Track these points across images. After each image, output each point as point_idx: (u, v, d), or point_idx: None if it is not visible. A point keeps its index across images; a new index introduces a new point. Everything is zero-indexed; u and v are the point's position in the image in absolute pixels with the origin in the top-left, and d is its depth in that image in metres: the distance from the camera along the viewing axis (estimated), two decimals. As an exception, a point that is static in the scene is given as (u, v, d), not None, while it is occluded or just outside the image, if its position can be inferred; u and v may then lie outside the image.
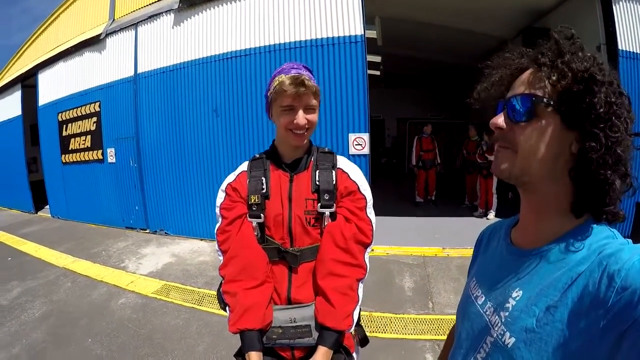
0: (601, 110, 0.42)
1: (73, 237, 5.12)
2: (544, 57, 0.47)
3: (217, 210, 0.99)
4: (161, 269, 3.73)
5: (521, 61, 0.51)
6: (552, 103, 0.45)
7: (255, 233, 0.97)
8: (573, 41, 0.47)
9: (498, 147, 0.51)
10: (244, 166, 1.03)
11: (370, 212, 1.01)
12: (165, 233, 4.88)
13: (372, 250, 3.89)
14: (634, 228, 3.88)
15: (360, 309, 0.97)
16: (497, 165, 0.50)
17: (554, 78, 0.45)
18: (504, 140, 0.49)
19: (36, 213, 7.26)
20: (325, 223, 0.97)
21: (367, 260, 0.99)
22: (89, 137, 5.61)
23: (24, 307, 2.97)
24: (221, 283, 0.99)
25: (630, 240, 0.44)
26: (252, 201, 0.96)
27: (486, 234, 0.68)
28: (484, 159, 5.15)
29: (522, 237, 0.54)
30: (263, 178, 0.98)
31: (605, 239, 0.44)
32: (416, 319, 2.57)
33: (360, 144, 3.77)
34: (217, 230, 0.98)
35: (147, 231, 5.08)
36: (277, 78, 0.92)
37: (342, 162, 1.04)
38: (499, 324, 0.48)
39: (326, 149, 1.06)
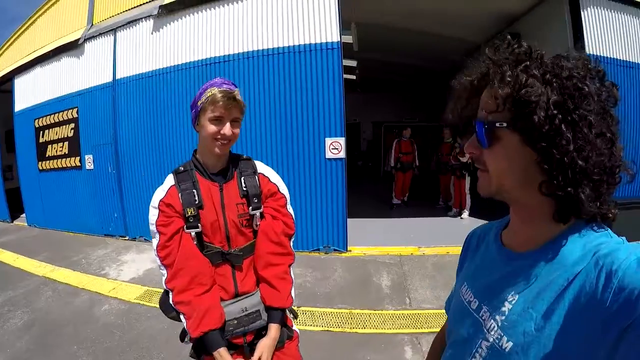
0: (545, 129, 0.41)
1: (51, 245, 5.01)
2: (481, 81, 0.48)
3: (153, 227, 1.02)
4: (143, 275, 3.71)
5: (477, 80, 0.50)
6: (504, 125, 0.45)
7: (195, 243, 1.04)
8: (513, 51, 0.46)
9: (478, 170, 0.52)
10: (170, 180, 1.06)
11: (290, 207, 1.18)
12: (145, 239, 4.83)
13: (350, 251, 3.99)
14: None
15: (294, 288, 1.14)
16: (479, 187, 0.52)
17: (493, 102, 0.45)
18: (478, 163, 0.51)
19: (12, 222, 7.02)
20: (257, 222, 1.10)
21: (292, 248, 1.17)
22: (66, 143, 5.50)
23: (5, 316, 2.94)
24: (164, 295, 1.09)
25: (624, 239, 0.43)
26: (189, 214, 1.01)
27: (475, 236, 0.67)
28: (458, 160, 5.33)
29: (513, 240, 0.54)
30: (194, 190, 1.03)
31: (599, 238, 0.43)
32: (394, 314, 2.68)
33: (337, 148, 3.84)
34: (156, 247, 1.01)
35: (127, 238, 5.01)
36: (209, 90, 0.99)
37: (261, 167, 1.16)
38: (495, 328, 0.48)
39: (244, 157, 1.16)
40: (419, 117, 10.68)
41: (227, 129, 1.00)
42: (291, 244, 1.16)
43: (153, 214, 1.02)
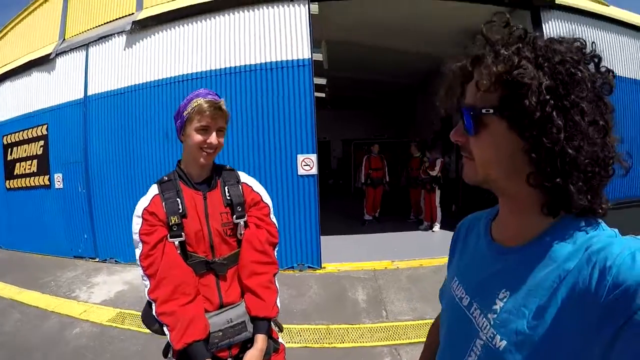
0: (535, 115, 0.39)
1: (18, 267, 4.79)
2: (472, 62, 0.45)
3: (136, 236, 1.01)
4: (114, 297, 3.61)
5: (465, 65, 0.48)
6: (491, 111, 0.43)
7: (178, 252, 1.03)
8: (507, 31, 0.44)
9: (463, 157, 0.50)
10: (154, 190, 1.07)
11: (273, 217, 1.19)
12: (116, 261, 4.66)
13: (324, 268, 3.95)
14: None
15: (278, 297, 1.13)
16: (464, 174, 0.50)
17: (481, 84, 0.43)
18: (465, 151, 0.49)
19: (-23, 243, 6.69)
20: (241, 231, 1.11)
21: (276, 257, 1.17)
22: (35, 161, 5.31)
23: None
24: (146, 306, 1.06)
25: (617, 231, 0.42)
26: (173, 222, 1.01)
27: (464, 226, 0.65)
28: (427, 174, 5.42)
29: (503, 233, 0.52)
30: (178, 199, 1.04)
31: (591, 231, 0.42)
32: (372, 327, 2.69)
33: (309, 165, 3.84)
34: (140, 256, 1.00)
35: (97, 260, 4.82)
36: (195, 100, 1.02)
37: (244, 177, 1.18)
38: (488, 327, 0.46)
39: (227, 167, 1.18)
40: (388, 133, 10.86)
41: (213, 138, 1.03)
42: (275, 253, 1.15)
43: (136, 223, 1.02)
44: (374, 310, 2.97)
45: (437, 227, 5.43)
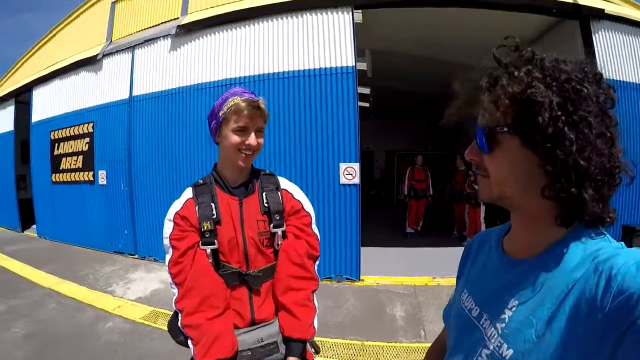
0: (549, 130, 0.41)
1: (59, 258, 5.02)
2: (487, 83, 0.47)
3: (167, 241, 0.96)
4: (150, 295, 3.67)
5: (476, 84, 0.50)
6: (505, 129, 0.45)
7: (210, 261, 0.96)
8: (518, 54, 0.47)
9: (479, 175, 0.52)
10: (188, 193, 1.01)
11: (315, 227, 1.09)
12: (154, 259, 4.79)
13: (362, 280, 3.90)
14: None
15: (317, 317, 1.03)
16: (480, 192, 0.52)
17: (496, 105, 0.46)
18: (480, 169, 0.51)
19: (23, 232, 7.10)
20: (278, 242, 1.02)
21: (317, 272, 1.07)
22: (80, 157, 5.56)
23: (6, 325, 2.93)
24: (173, 316, 1.00)
25: (623, 244, 0.43)
26: (205, 228, 0.95)
27: (475, 242, 0.67)
28: (472, 188, 5.25)
29: (514, 246, 0.53)
30: (212, 204, 0.98)
31: (599, 243, 0.44)
32: (409, 347, 2.59)
33: (351, 174, 3.79)
34: (169, 262, 0.95)
35: (136, 257, 4.98)
36: (230, 99, 0.96)
37: (284, 182, 1.10)
38: (496, 336, 0.47)
39: (267, 171, 1.10)
40: (432, 145, 10.56)
41: (252, 139, 0.97)
42: (315, 267, 1.07)
43: (168, 227, 0.97)
44: (411, 328, 2.87)
45: (481, 244, 5.25)
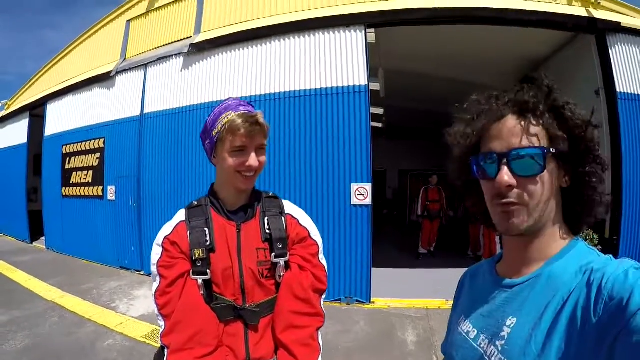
0: (598, 150, 0.48)
1: (65, 271, 5.02)
2: (542, 106, 0.49)
3: (154, 268, 0.87)
4: (153, 313, 3.60)
5: (502, 109, 0.51)
6: (554, 151, 0.48)
7: (201, 292, 0.86)
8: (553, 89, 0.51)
9: (505, 204, 0.49)
10: (181, 215, 0.92)
11: (322, 257, 0.98)
12: (153, 281, 4.73)
13: (373, 302, 3.76)
14: None
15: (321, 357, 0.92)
16: (513, 224, 0.49)
17: (555, 126, 0.48)
18: (514, 197, 0.49)
19: (31, 243, 7.15)
20: (280, 273, 0.91)
21: (323, 307, 0.95)
22: (90, 172, 5.62)
23: (6, 337, 2.90)
24: (160, 350, 0.89)
25: (611, 256, 0.46)
26: (197, 256, 0.85)
27: (467, 275, 0.69)
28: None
29: (510, 269, 0.55)
30: (206, 229, 0.88)
31: (588, 257, 0.47)
32: None
33: (363, 194, 3.72)
34: (155, 292, 0.86)
35: (142, 273, 4.94)
36: (225, 115, 0.84)
37: (290, 207, 0.99)
38: (496, 354, 0.48)
39: (270, 193, 1.00)
40: (445, 165, 10.53)
41: (252, 159, 0.86)
42: (322, 302, 0.95)
43: (156, 253, 0.88)
44: (423, 354, 2.75)
45: (496, 266, 5.10)
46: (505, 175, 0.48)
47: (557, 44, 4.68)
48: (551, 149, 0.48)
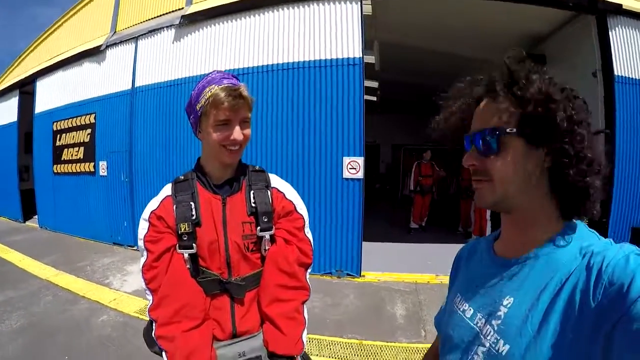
0: (565, 125, 0.44)
1: (59, 249, 5.01)
2: (498, 86, 0.49)
3: (141, 243, 0.88)
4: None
5: (475, 91, 0.53)
6: (514, 131, 0.47)
7: (188, 266, 0.87)
8: (525, 64, 0.49)
9: (476, 181, 0.52)
10: (167, 190, 0.92)
11: (308, 231, 0.99)
12: (141, 256, 4.75)
13: (363, 276, 3.80)
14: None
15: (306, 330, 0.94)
16: (481, 198, 0.52)
17: (512, 106, 0.47)
18: (479, 174, 0.52)
19: (24, 222, 7.11)
20: (266, 247, 0.92)
21: (308, 281, 0.96)
22: (82, 148, 5.53)
23: (1, 317, 2.91)
24: (148, 324, 0.90)
25: (612, 240, 0.45)
26: (182, 230, 0.86)
27: (464, 251, 0.69)
28: None
29: (507, 248, 0.55)
30: (192, 203, 0.89)
31: (589, 240, 0.46)
32: (408, 347, 2.52)
33: (355, 168, 3.70)
34: (142, 266, 0.87)
35: (135, 248, 4.94)
36: (208, 89, 0.84)
37: (276, 180, 0.99)
38: (492, 333, 0.48)
39: (257, 167, 1.00)
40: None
41: (237, 133, 0.85)
42: (307, 275, 0.96)
43: (142, 227, 0.88)
44: (412, 328, 2.79)
45: (486, 241, 5.18)
46: (467, 157, 0.53)
47: (557, 22, 4.60)
48: (507, 129, 0.47)
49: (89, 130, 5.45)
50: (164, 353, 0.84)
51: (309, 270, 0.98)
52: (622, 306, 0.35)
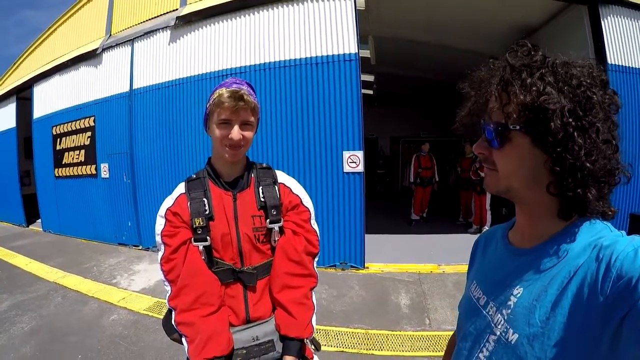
0: (559, 135, 0.43)
1: (64, 252, 5.05)
2: (499, 85, 0.49)
3: (158, 238, 0.96)
4: (154, 286, 3.67)
5: (489, 83, 0.52)
6: (517, 127, 0.47)
7: (203, 257, 0.95)
8: (530, 61, 0.47)
9: (485, 168, 0.54)
10: (181, 188, 1.00)
11: (314, 223, 1.06)
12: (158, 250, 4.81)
13: (367, 268, 3.88)
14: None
15: (315, 315, 1.01)
16: (487, 184, 0.54)
17: (509, 107, 0.47)
18: (487, 163, 0.53)
19: (28, 226, 7.15)
20: (275, 238, 0.99)
21: (316, 269, 1.04)
22: (82, 151, 5.57)
23: (12, 320, 2.94)
24: (167, 313, 0.98)
25: (624, 232, 0.45)
26: (197, 224, 0.93)
27: (482, 239, 0.70)
28: (478, 175, 5.20)
29: (519, 238, 0.55)
30: (204, 199, 0.96)
31: (600, 232, 0.45)
32: (413, 335, 2.58)
33: (355, 162, 3.76)
34: (161, 259, 0.94)
35: (140, 248, 5.01)
36: (217, 91, 0.93)
37: (282, 176, 1.07)
38: (502, 322, 0.49)
39: (264, 165, 1.08)
40: (437, 132, 10.44)
41: (234, 132, 0.92)
42: (314, 264, 1.04)
43: (159, 223, 0.96)
44: (416, 317, 2.85)
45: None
46: (477, 145, 0.54)
47: (548, 12, 4.63)
48: (511, 126, 0.47)
49: (89, 133, 5.48)
50: (183, 338, 0.91)
51: (316, 260, 1.05)
52: (630, 300, 0.34)
